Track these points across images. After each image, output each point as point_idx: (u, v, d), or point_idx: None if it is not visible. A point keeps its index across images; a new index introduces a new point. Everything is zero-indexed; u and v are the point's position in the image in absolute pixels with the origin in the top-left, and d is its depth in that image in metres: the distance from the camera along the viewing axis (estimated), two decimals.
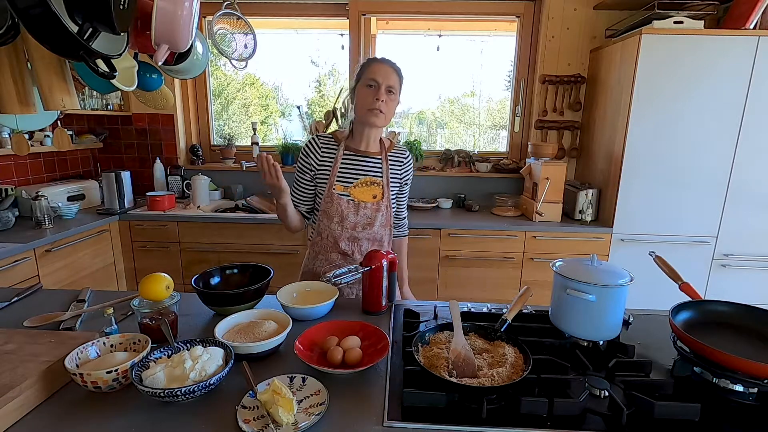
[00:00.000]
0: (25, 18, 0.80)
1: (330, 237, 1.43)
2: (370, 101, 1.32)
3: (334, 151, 1.42)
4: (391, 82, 1.34)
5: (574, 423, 0.77)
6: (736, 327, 1.00)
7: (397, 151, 1.49)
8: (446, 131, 3.43)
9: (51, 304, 1.24)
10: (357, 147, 1.43)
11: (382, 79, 1.32)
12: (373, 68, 1.34)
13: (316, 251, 1.48)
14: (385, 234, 1.48)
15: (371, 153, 1.44)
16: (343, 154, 1.42)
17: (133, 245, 2.66)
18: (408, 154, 1.52)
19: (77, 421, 0.77)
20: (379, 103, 1.32)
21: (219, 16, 1.84)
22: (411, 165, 1.53)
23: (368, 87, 1.33)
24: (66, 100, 1.09)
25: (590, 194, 2.52)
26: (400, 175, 1.50)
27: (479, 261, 2.52)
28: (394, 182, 1.48)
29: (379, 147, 1.46)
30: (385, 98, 1.32)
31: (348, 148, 1.43)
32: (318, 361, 0.93)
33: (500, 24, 3.04)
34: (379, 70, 1.33)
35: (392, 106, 1.37)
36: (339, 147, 1.42)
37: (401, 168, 1.49)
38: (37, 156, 2.71)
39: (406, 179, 1.52)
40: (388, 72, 1.34)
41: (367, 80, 1.33)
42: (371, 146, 1.44)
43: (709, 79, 2.19)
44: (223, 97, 3.40)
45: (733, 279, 2.43)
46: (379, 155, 1.45)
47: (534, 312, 1.20)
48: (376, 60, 1.37)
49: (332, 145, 1.43)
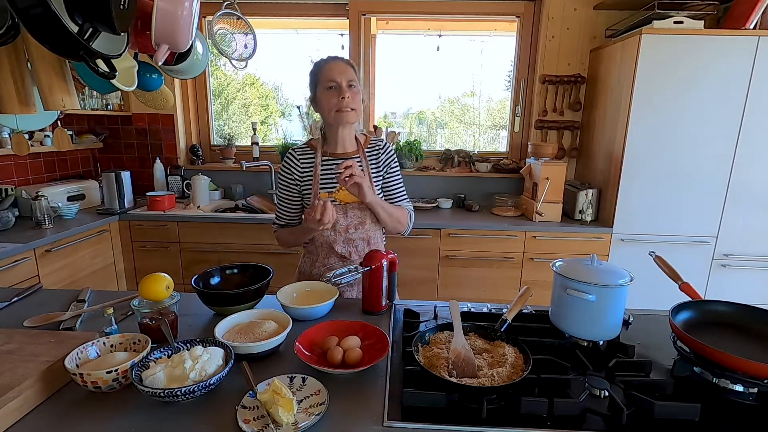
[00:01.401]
0: (25, 18, 0.80)
1: (324, 243, 1.42)
2: (336, 102, 1.31)
3: (312, 160, 1.41)
4: (350, 77, 1.32)
5: (574, 423, 0.77)
6: (736, 327, 1.00)
7: (372, 144, 1.47)
8: (446, 131, 3.43)
9: (51, 304, 1.24)
10: (333, 151, 1.42)
11: (339, 77, 1.30)
12: (326, 69, 1.33)
13: (312, 258, 1.47)
14: (378, 230, 1.47)
15: (349, 154, 1.43)
16: (321, 161, 1.41)
17: (133, 245, 2.66)
18: (384, 142, 1.49)
19: (77, 421, 0.77)
20: (346, 100, 1.30)
21: (219, 16, 1.84)
22: (389, 151, 1.47)
23: (329, 89, 1.32)
24: (66, 100, 1.09)
25: (590, 194, 2.52)
26: (379, 164, 1.46)
27: (479, 261, 2.52)
28: (376, 175, 1.45)
29: (355, 146, 1.45)
30: (349, 94, 1.31)
31: (325, 154, 1.42)
32: (318, 361, 0.93)
33: (500, 24, 3.04)
34: (334, 69, 1.32)
35: (358, 99, 1.35)
36: (316, 155, 1.41)
37: (378, 157, 1.45)
38: (37, 156, 2.71)
39: (386, 166, 1.47)
40: (342, 68, 1.32)
41: (325, 83, 1.32)
42: (348, 146, 1.43)
43: (709, 79, 2.19)
44: (223, 97, 3.40)
45: (733, 279, 2.43)
46: (357, 154, 1.44)
47: (534, 312, 1.20)
48: (325, 61, 1.35)
49: (309, 154, 1.42)
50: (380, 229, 1.48)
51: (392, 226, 1.44)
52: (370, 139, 1.49)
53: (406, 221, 1.47)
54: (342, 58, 1.36)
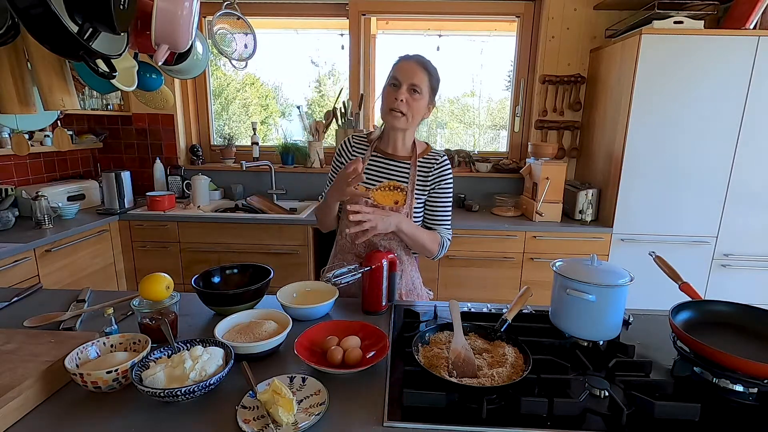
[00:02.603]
0: (25, 18, 0.80)
1: (348, 237, 1.37)
2: (390, 101, 1.26)
3: (365, 151, 1.40)
4: (416, 81, 1.25)
5: (574, 423, 0.77)
6: (736, 327, 1.00)
7: (430, 156, 1.38)
8: (446, 131, 3.43)
9: (51, 304, 1.24)
10: (385, 149, 1.39)
11: (404, 78, 1.25)
12: (398, 66, 1.28)
13: (336, 250, 1.45)
14: (402, 248, 1.39)
15: (400, 157, 1.38)
16: (371, 155, 1.39)
17: (133, 245, 2.66)
18: (442, 158, 1.38)
19: (77, 421, 0.77)
20: (398, 103, 1.24)
21: (219, 16, 1.84)
22: (444, 169, 1.37)
23: (392, 86, 1.27)
24: (66, 100, 1.09)
25: (590, 194, 2.52)
26: (428, 180, 1.37)
27: (479, 261, 2.52)
28: (421, 190, 1.36)
29: (410, 151, 1.39)
30: (405, 97, 1.25)
31: (377, 150, 1.40)
32: (318, 361, 0.93)
33: (500, 24, 3.04)
34: (403, 68, 1.26)
35: (416, 106, 1.27)
36: (369, 147, 1.40)
37: (429, 173, 1.36)
38: (37, 156, 2.71)
39: (436, 185, 1.37)
40: (412, 69, 1.25)
41: (391, 79, 1.28)
42: (399, 150, 1.38)
43: (709, 79, 2.19)
44: (223, 97, 3.40)
45: (733, 279, 2.43)
46: (409, 160, 1.37)
47: (534, 312, 1.20)
48: (403, 57, 1.29)
49: (364, 144, 1.41)
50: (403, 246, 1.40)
51: (418, 251, 1.39)
52: (430, 149, 1.41)
53: (435, 249, 1.36)
54: (422, 60, 1.29)
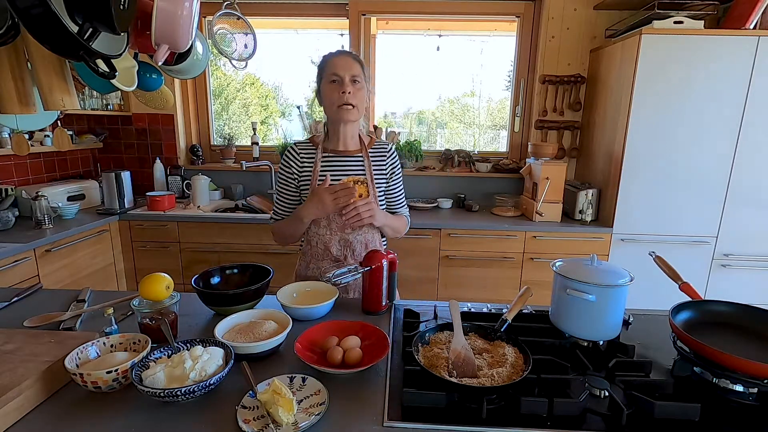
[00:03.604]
0: (25, 18, 0.80)
1: (320, 244, 1.39)
2: (336, 96, 1.29)
3: (313, 156, 1.40)
4: (354, 72, 1.29)
5: (574, 423, 0.77)
6: (736, 327, 0.99)
7: (378, 146, 1.45)
8: (446, 131, 3.43)
9: (51, 304, 1.24)
10: (335, 148, 1.41)
11: (343, 71, 1.28)
12: (331, 63, 1.31)
13: (307, 261, 1.45)
14: (377, 234, 1.44)
15: (351, 152, 1.41)
16: (321, 157, 1.39)
17: (133, 245, 2.66)
18: (390, 146, 1.47)
19: (77, 421, 0.77)
20: (347, 95, 1.28)
21: (219, 16, 1.84)
22: (395, 157, 1.47)
23: (332, 83, 1.30)
24: (66, 100, 1.09)
25: (590, 194, 2.52)
26: (385, 169, 1.44)
27: (479, 261, 2.52)
28: (380, 178, 1.43)
29: (358, 145, 1.43)
30: (351, 89, 1.28)
31: (326, 150, 1.41)
32: (318, 361, 0.93)
33: (500, 24, 3.04)
34: (338, 63, 1.29)
35: (361, 96, 1.32)
36: (317, 151, 1.40)
37: (384, 162, 1.44)
38: (37, 156, 2.71)
39: (392, 172, 1.46)
40: (348, 62, 1.30)
41: (329, 77, 1.30)
42: (349, 145, 1.41)
43: (709, 79, 2.19)
44: (223, 97, 3.40)
45: (733, 279, 2.43)
46: (360, 153, 1.42)
47: (534, 312, 1.20)
48: (333, 54, 1.33)
49: (310, 150, 1.41)
50: (378, 232, 1.45)
51: (392, 236, 1.48)
52: (375, 140, 1.47)
53: (404, 230, 1.50)
54: (350, 52, 1.35)
